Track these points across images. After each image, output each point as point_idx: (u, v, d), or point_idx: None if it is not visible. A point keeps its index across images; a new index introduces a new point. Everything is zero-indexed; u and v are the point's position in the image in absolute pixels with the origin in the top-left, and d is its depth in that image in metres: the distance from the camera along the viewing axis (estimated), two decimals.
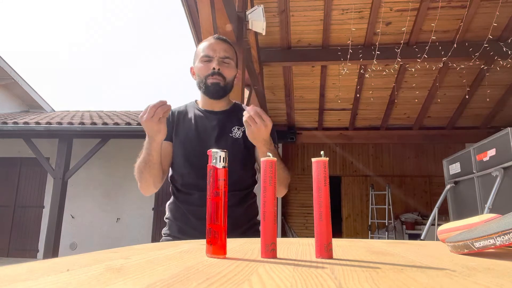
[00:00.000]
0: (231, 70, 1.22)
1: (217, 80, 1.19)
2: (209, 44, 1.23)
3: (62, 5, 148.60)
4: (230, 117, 1.25)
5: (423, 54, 4.44)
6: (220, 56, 1.20)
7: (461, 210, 3.86)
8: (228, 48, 1.23)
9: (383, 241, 0.79)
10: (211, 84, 1.19)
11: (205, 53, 1.21)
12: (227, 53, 1.21)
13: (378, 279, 0.34)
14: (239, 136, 1.21)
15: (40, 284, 0.31)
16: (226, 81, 1.20)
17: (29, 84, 8.63)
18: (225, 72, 1.20)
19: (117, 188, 7.21)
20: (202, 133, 1.22)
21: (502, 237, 0.45)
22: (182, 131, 1.22)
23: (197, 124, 1.23)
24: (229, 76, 1.22)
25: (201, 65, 1.21)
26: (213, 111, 1.26)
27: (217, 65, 1.18)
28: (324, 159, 0.53)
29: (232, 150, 1.16)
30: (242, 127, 1.21)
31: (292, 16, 4.40)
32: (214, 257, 0.49)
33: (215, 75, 1.18)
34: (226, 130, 1.22)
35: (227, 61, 1.21)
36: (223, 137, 1.20)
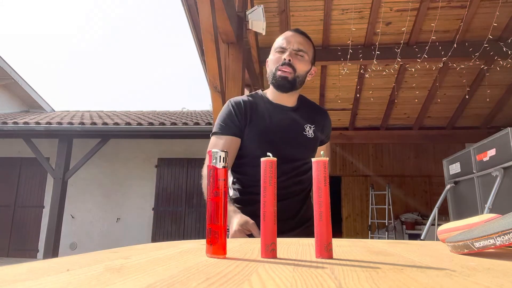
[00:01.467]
0: (304, 64, 1.18)
1: (286, 73, 1.14)
2: (285, 36, 1.20)
3: (62, 5, 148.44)
4: (300, 113, 1.24)
5: (423, 54, 4.44)
6: (294, 48, 1.16)
7: (461, 210, 3.86)
8: (304, 41, 1.19)
9: (383, 241, 0.79)
10: (280, 76, 1.15)
11: (279, 45, 1.18)
12: (302, 46, 1.17)
13: (378, 279, 0.34)
14: (311, 135, 1.21)
15: (40, 284, 0.31)
16: (296, 74, 1.15)
17: (29, 84, 8.63)
18: (296, 64, 1.15)
19: (117, 188, 7.21)
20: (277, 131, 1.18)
21: (502, 237, 0.45)
22: (257, 127, 1.17)
23: (271, 121, 1.18)
24: (301, 70, 1.17)
25: (274, 56, 1.18)
26: (286, 106, 1.22)
27: (288, 56, 1.14)
28: (324, 159, 0.53)
29: (306, 150, 1.20)
30: (313, 125, 1.23)
31: (292, 16, 4.40)
32: (214, 257, 0.49)
33: (285, 66, 1.14)
34: (299, 128, 1.20)
35: (301, 54, 1.17)
36: (298, 135, 1.19)
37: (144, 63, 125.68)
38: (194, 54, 19.57)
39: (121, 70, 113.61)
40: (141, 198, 7.12)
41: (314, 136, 1.22)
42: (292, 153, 1.17)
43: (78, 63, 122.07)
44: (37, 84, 57.98)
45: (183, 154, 7.20)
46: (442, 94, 5.78)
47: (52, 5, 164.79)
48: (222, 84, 2.75)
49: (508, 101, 5.87)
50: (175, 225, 6.96)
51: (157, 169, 7.24)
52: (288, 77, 1.14)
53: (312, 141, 1.22)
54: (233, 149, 1.15)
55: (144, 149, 7.25)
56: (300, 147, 1.19)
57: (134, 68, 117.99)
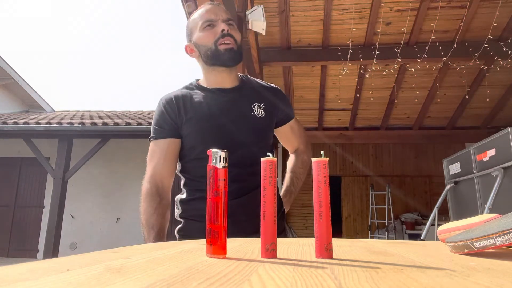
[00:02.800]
0: (238, 33, 1.08)
1: (230, 44, 1.03)
2: (206, 9, 1.07)
3: (62, 5, 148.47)
4: (245, 92, 1.12)
5: (423, 54, 4.44)
6: (223, 19, 1.05)
7: (461, 210, 3.86)
8: (226, 10, 1.10)
9: (383, 241, 0.79)
10: (225, 49, 1.03)
11: (205, 19, 1.06)
12: (228, 14, 1.08)
13: (378, 279, 0.34)
14: (262, 115, 1.08)
15: (40, 284, 0.31)
16: (237, 44, 1.06)
17: (29, 84, 8.63)
18: (234, 33, 1.06)
19: (117, 188, 7.21)
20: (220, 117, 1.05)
21: (502, 237, 0.45)
22: (196, 120, 1.05)
23: (209, 106, 1.06)
24: (239, 39, 1.07)
25: (204, 33, 1.05)
26: (225, 88, 1.09)
27: (225, 26, 1.04)
28: (324, 159, 0.53)
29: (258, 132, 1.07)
30: (262, 103, 1.09)
31: (292, 16, 4.40)
32: (214, 257, 0.49)
33: (226, 37, 1.03)
34: (245, 107, 1.08)
35: (231, 23, 1.07)
36: (243, 117, 1.06)
37: (144, 63, 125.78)
38: None
39: (121, 70, 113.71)
40: None
41: (265, 115, 1.08)
42: (241, 138, 1.04)
43: (78, 63, 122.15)
44: (37, 84, 57.99)
45: None
46: (442, 94, 5.78)
47: (52, 5, 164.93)
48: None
49: (508, 101, 5.87)
50: (175, 225, 6.96)
51: None
52: (233, 47, 1.04)
53: (264, 121, 1.08)
54: (171, 151, 1.06)
55: (144, 149, 7.16)
56: (249, 130, 1.06)
57: (134, 68, 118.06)
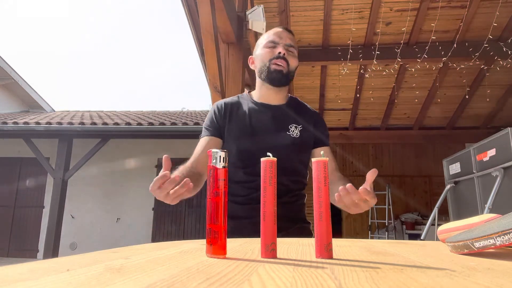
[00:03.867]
0: (295, 59, 1.19)
1: (281, 66, 1.14)
2: (275, 31, 1.20)
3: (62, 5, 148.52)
4: (286, 112, 1.20)
5: (423, 54, 4.44)
6: (286, 43, 1.17)
7: (461, 210, 3.86)
8: (293, 38, 1.21)
9: (383, 241, 0.79)
10: (274, 70, 1.14)
11: (270, 39, 1.18)
12: (292, 42, 1.19)
13: (378, 279, 0.34)
14: (296, 135, 1.16)
15: (40, 284, 0.31)
16: (289, 69, 1.16)
17: (29, 84, 8.63)
18: (290, 59, 1.16)
19: (117, 188, 7.21)
20: (257, 128, 1.16)
21: (502, 237, 0.45)
22: (235, 126, 1.17)
23: (251, 118, 1.17)
24: (293, 65, 1.18)
25: (265, 50, 1.17)
26: (269, 104, 1.20)
27: (282, 49, 1.15)
28: (324, 159, 0.53)
29: (287, 149, 1.13)
30: (300, 125, 1.18)
31: (292, 16, 4.40)
32: (214, 257, 0.49)
33: (280, 59, 1.14)
34: (282, 126, 1.16)
35: (292, 50, 1.18)
36: (277, 134, 1.15)
37: (144, 63, 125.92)
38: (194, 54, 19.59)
39: (121, 70, 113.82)
40: (141, 198, 7.12)
41: (299, 136, 1.16)
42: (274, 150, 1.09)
43: (78, 63, 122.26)
44: (37, 84, 58.02)
45: (183, 154, 7.17)
46: (442, 94, 5.78)
47: (52, 5, 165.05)
48: (222, 84, 2.75)
49: (508, 101, 5.87)
50: (175, 225, 6.96)
51: (157, 169, 7.23)
52: (283, 70, 1.15)
53: (297, 141, 1.15)
54: (210, 146, 1.14)
55: (144, 149, 7.24)
56: (281, 146, 1.13)
57: (134, 68, 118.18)
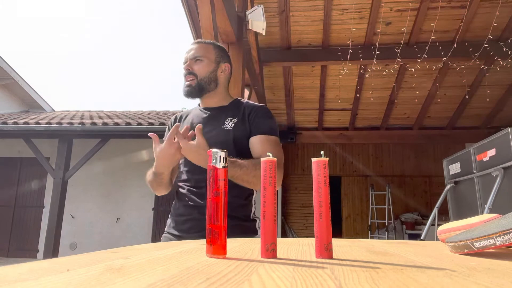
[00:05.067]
0: (203, 66, 1.26)
1: (189, 81, 1.25)
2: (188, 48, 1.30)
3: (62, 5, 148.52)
4: (225, 111, 1.27)
5: (423, 54, 4.44)
6: (191, 58, 1.26)
7: (461, 210, 3.86)
8: (199, 47, 1.28)
9: (383, 241, 0.79)
10: (185, 86, 1.26)
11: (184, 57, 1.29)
12: (198, 53, 1.27)
13: (378, 279, 0.34)
14: (230, 127, 1.21)
15: (40, 284, 0.31)
16: (198, 79, 1.25)
17: (29, 84, 8.63)
18: (195, 69, 1.25)
19: (117, 188, 7.21)
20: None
21: (502, 237, 0.45)
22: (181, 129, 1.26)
23: (193, 121, 1.28)
24: (202, 73, 1.25)
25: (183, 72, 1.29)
26: (209, 107, 1.30)
27: (186, 66, 1.25)
28: (324, 159, 0.53)
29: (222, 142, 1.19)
30: (235, 118, 1.23)
31: (292, 16, 4.40)
32: (214, 257, 0.49)
33: (187, 76, 1.25)
34: (218, 123, 1.23)
35: (199, 59, 1.26)
36: (213, 130, 1.22)
37: (144, 63, 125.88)
38: None
39: (121, 70, 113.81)
40: (141, 198, 7.12)
41: (233, 128, 1.21)
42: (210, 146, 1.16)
43: (78, 63, 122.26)
44: (37, 84, 57.97)
45: None
46: (442, 94, 5.78)
47: (52, 5, 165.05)
48: None
49: (508, 101, 5.87)
50: None
51: None
52: (191, 84, 1.25)
53: (231, 133, 1.20)
54: None
55: (144, 149, 7.24)
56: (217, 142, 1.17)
57: (134, 68, 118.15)
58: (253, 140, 1.21)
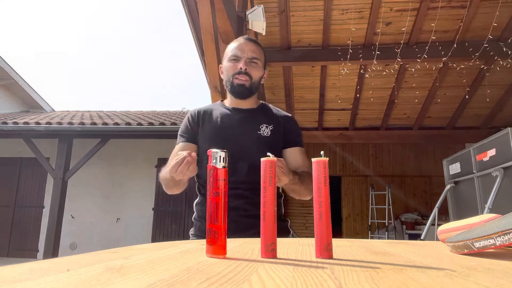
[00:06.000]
0: (258, 70, 1.25)
1: (243, 80, 1.22)
2: (238, 44, 1.26)
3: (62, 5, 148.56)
4: (257, 114, 1.27)
5: (423, 54, 4.44)
6: (248, 57, 1.23)
7: (461, 210, 3.86)
8: (256, 49, 1.26)
9: (383, 241, 0.79)
10: (237, 84, 1.22)
11: (233, 53, 1.24)
12: (255, 54, 1.24)
13: (378, 279, 0.34)
14: (267, 134, 1.21)
15: (40, 284, 0.31)
16: (252, 81, 1.23)
17: (29, 84, 8.63)
18: (252, 72, 1.22)
19: (117, 188, 7.21)
20: (228, 129, 1.22)
21: (502, 237, 0.45)
22: (208, 130, 1.24)
23: (223, 121, 1.24)
24: (256, 77, 1.24)
25: (229, 64, 1.24)
26: (241, 108, 1.28)
27: (244, 65, 1.21)
28: (324, 159, 0.53)
29: (258, 148, 1.18)
30: (271, 125, 1.23)
31: (292, 16, 4.40)
32: (214, 257, 0.49)
33: (242, 74, 1.21)
34: (253, 127, 1.22)
35: (255, 61, 1.24)
36: (249, 133, 1.21)
37: (144, 63, 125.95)
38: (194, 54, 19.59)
39: (121, 70, 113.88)
40: (141, 198, 7.12)
41: (270, 135, 1.21)
42: (245, 150, 1.17)
43: (79, 63, 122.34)
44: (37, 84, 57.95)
45: None
46: (442, 94, 5.78)
47: (52, 5, 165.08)
48: (222, 84, 2.75)
49: (508, 101, 5.87)
50: (175, 225, 6.96)
51: (157, 169, 7.23)
52: (245, 84, 1.22)
53: (268, 140, 1.20)
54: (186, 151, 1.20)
55: (144, 149, 7.24)
56: (253, 145, 1.19)
57: (134, 68, 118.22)
58: (291, 152, 1.25)
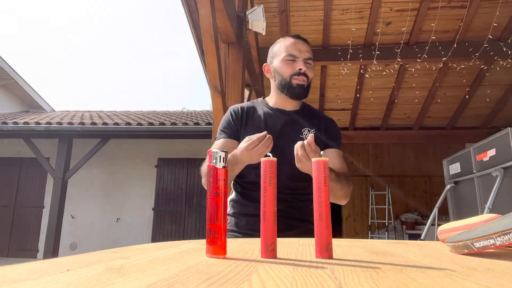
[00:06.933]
0: (312, 70, 1.24)
1: (303, 81, 1.20)
2: (293, 43, 1.23)
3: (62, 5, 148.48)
4: (300, 117, 1.26)
5: (423, 54, 4.44)
6: (305, 58, 1.21)
7: (461, 210, 3.86)
8: (309, 50, 1.25)
9: (383, 241, 0.79)
10: (297, 85, 1.20)
11: (289, 53, 1.21)
12: (310, 54, 1.23)
13: (378, 279, 0.34)
14: None
15: (40, 284, 0.31)
16: (308, 82, 1.22)
17: (29, 84, 8.63)
18: (308, 73, 1.21)
19: (117, 188, 7.21)
20: (272, 131, 1.20)
21: (502, 237, 0.45)
22: (251, 129, 1.22)
23: (266, 122, 1.23)
24: (311, 78, 1.24)
25: (285, 64, 1.21)
26: (284, 110, 1.26)
27: (303, 66, 1.19)
28: (324, 159, 0.53)
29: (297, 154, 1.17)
30: (313, 129, 1.23)
31: (292, 16, 4.40)
32: (214, 257, 0.49)
33: (301, 76, 1.19)
34: (296, 130, 1.22)
35: (309, 62, 1.23)
36: (291, 137, 1.19)
37: (144, 63, 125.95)
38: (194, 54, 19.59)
39: (121, 70, 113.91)
40: (141, 198, 7.12)
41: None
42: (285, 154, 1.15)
43: (78, 63, 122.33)
44: (37, 84, 57.93)
45: (183, 154, 7.20)
46: (442, 94, 5.78)
47: (52, 5, 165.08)
48: (222, 84, 2.75)
49: (508, 101, 5.87)
50: (175, 225, 6.96)
51: (157, 169, 7.23)
52: (304, 85, 1.21)
53: None
54: (228, 148, 1.17)
55: (144, 149, 7.25)
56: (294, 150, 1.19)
57: (134, 68, 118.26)
58: (328, 153, 1.23)
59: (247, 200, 1.21)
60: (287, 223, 1.14)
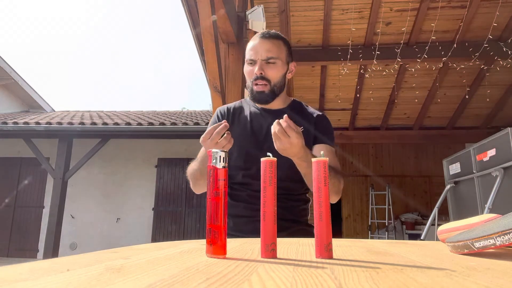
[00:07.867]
0: (277, 70, 1.16)
1: (262, 87, 1.14)
2: (252, 45, 1.18)
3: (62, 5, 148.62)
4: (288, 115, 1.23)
5: (423, 54, 4.44)
6: (263, 59, 1.14)
7: (461, 210, 3.86)
8: (272, 46, 1.16)
9: (383, 241, 0.79)
10: (256, 92, 1.15)
11: (248, 57, 1.17)
12: (270, 53, 1.15)
13: (378, 279, 0.34)
14: None
15: (40, 284, 0.31)
16: (272, 84, 1.15)
17: (29, 84, 8.63)
18: (269, 74, 1.14)
19: (117, 188, 7.21)
20: (257, 132, 1.18)
21: (502, 237, 0.45)
22: (237, 129, 1.20)
23: (252, 123, 1.20)
24: (275, 78, 1.16)
25: (247, 69, 1.18)
26: (270, 109, 1.22)
27: (258, 70, 1.13)
28: (324, 159, 0.53)
29: None
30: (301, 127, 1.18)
31: (292, 16, 4.40)
32: (214, 257, 0.49)
33: (258, 80, 1.14)
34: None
35: (272, 61, 1.15)
36: None
37: (144, 63, 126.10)
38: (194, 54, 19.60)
39: (121, 70, 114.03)
40: (141, 198, 7.12)
41: None
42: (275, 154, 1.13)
43: (78, 63, 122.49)
44: (37, 84, 57.97)
45: (183, 154, 7.20)
46: (442, 94, 5.78)
47: (52, 5, 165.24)
48: (222, 84, 2.75)
49: (508, 101, 5.87)
50: (175, 225, 6.96)
51: (157, 169, 7.24)
52: (264, 91, 1.15)
53: None
54: None
55: (144, 149, 7.25)
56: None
57: (134, 68, 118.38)
58: (317, 149, 1.17)
59: (235, 200, 1.18)
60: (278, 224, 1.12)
